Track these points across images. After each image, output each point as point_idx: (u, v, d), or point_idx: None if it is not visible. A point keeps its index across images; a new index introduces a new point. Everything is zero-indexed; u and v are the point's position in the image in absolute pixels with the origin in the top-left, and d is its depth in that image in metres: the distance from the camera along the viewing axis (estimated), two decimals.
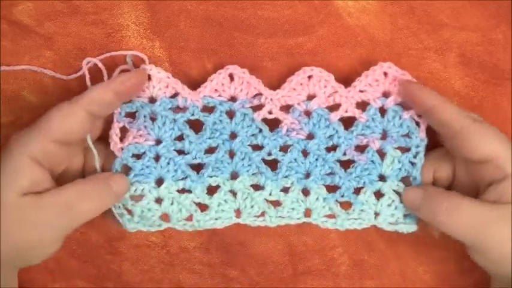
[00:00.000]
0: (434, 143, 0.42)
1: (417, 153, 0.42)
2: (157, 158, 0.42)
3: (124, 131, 0.42)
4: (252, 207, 0.43)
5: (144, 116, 0.41)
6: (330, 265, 0.47)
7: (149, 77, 0.41)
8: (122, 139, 0.41)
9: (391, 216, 0.42)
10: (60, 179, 0.40)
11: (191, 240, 0.46)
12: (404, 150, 0.42)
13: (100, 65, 0.41)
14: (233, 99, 0.42)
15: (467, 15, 0.43)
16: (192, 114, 0.41)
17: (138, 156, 0.42)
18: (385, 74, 0.41)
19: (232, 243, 0.46)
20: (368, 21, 0.43)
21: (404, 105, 0.42)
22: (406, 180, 0.43)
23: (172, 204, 0.42)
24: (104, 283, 0.47)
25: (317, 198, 0.43)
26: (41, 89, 0.43)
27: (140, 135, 0.41)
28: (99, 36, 0.42)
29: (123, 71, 0.41)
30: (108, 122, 0.42)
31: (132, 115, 0.42)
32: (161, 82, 0.41)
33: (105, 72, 0.41)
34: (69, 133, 0.37)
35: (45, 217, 0.36)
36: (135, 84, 0.39)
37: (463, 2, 0.43)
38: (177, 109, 0.42)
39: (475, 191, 0.40)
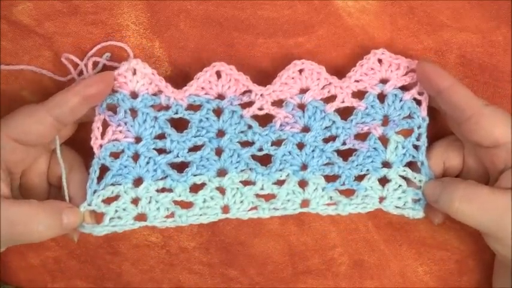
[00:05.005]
0: (439, 135, 0.43)
1: (420, 134, 0.41)
2: (136, 157, 0.41)
3: (105, 127, 0.40)
4: (241, 202, 0.41)
5: (125, 112, 0.40)
6: (330, 265, 0.47)
7: (134, 71, 0.40)
8: (102, 135, 0.40)
9: (397, 200, 0.42)
10: (24, 178, 0.40)
11: (191, 240, 0.46)
12: (407, 135, 0.42)
13: (80, 63, 0.41)
14: (221, 97, 0.41)
15: (468, 17, 0.43)
16: (176, 113, 0.40)
17: (116, 155, 0.40)
18: (380, 61, 0.41)
19: (232, 243, 0.47)
20: (368, 21, 0.43)
21: (403, 88, 0.41)
22: (414, 166, 0.42)
23: (149, 203, 0.40)
24: (104, 283, 0.47)
25: (315, 189, 0.41)
26: (41, 89, 0.43)
27: (120, 131, 0.40)
28: (99, 36, 0.42)
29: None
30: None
31: (114, 108, 0.40)
32: (145, 78, 0.40)
33: (85, 69, 0.41)
34: (28, 133, 0.37)
35: None
36: (101, 89, 0.38)
37: (463, 3, 0.43)
38: (160, 107, 0.41)
39: (485, 179, 0.40)
